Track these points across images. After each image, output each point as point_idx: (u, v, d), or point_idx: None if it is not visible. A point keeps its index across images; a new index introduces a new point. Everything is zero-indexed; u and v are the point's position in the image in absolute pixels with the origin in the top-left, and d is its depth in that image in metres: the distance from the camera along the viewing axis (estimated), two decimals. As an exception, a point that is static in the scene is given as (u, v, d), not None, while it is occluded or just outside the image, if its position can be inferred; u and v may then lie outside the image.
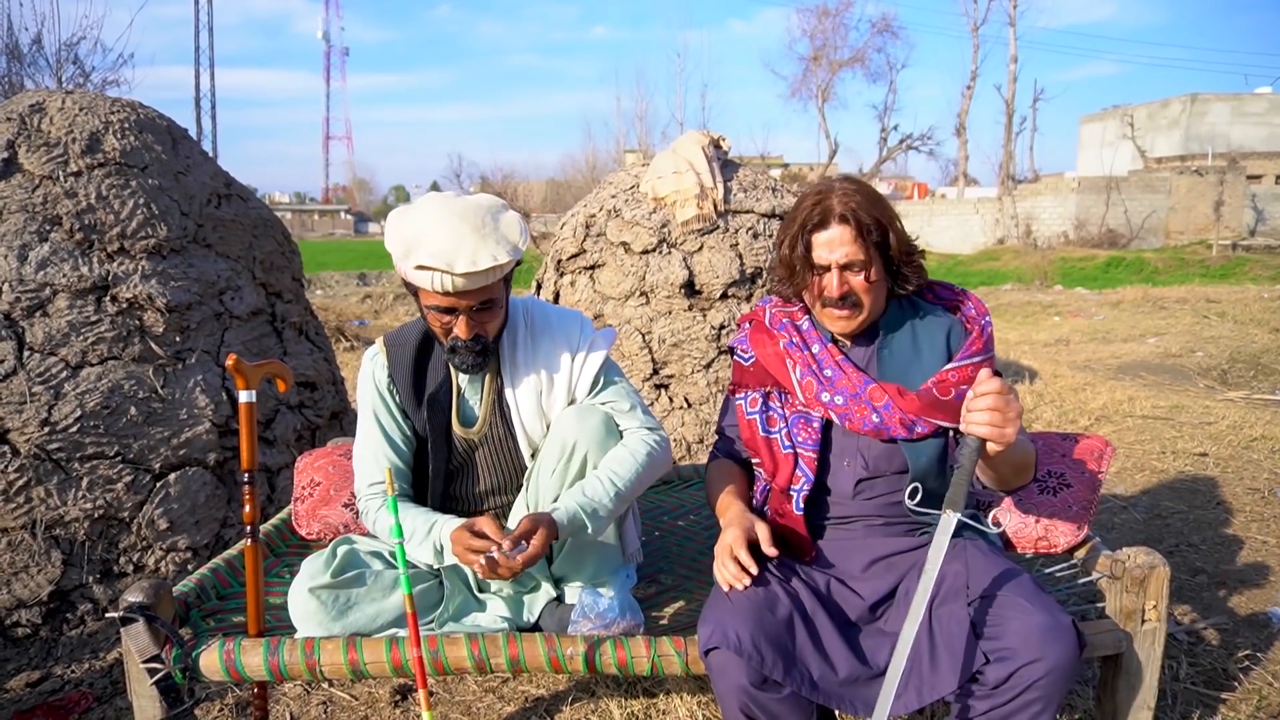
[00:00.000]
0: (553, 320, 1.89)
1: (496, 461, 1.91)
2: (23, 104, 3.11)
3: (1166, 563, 1.72)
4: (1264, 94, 31.98)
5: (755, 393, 1.80)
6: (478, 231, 1.62)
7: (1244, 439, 4.55)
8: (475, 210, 1.67)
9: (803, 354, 1.75)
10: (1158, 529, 3.41)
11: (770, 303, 1.86)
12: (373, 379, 1.87)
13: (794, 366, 1.75)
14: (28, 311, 2.78)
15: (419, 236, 1.61)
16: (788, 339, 1.77)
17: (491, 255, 1.61)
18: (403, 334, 1.90)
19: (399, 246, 1.63)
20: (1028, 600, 1.50)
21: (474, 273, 1.60)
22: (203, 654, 1.63)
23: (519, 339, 1.86)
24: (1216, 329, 8.33)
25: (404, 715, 2.31)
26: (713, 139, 4.15)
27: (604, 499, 1.72)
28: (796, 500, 1.70)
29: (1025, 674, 1.43)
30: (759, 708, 1.53)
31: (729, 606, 1.57)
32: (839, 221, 1.63)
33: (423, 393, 1.85)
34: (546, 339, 1.86)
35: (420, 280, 1.62)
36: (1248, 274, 16.15)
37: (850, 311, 1.68)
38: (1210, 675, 2.34)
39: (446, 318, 1.69)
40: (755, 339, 1.82)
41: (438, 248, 1.59)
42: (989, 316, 1.77)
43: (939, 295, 1.80)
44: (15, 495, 2.65)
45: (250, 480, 1.73)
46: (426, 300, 1.68)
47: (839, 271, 1.64)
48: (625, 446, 1.80)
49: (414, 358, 1.85)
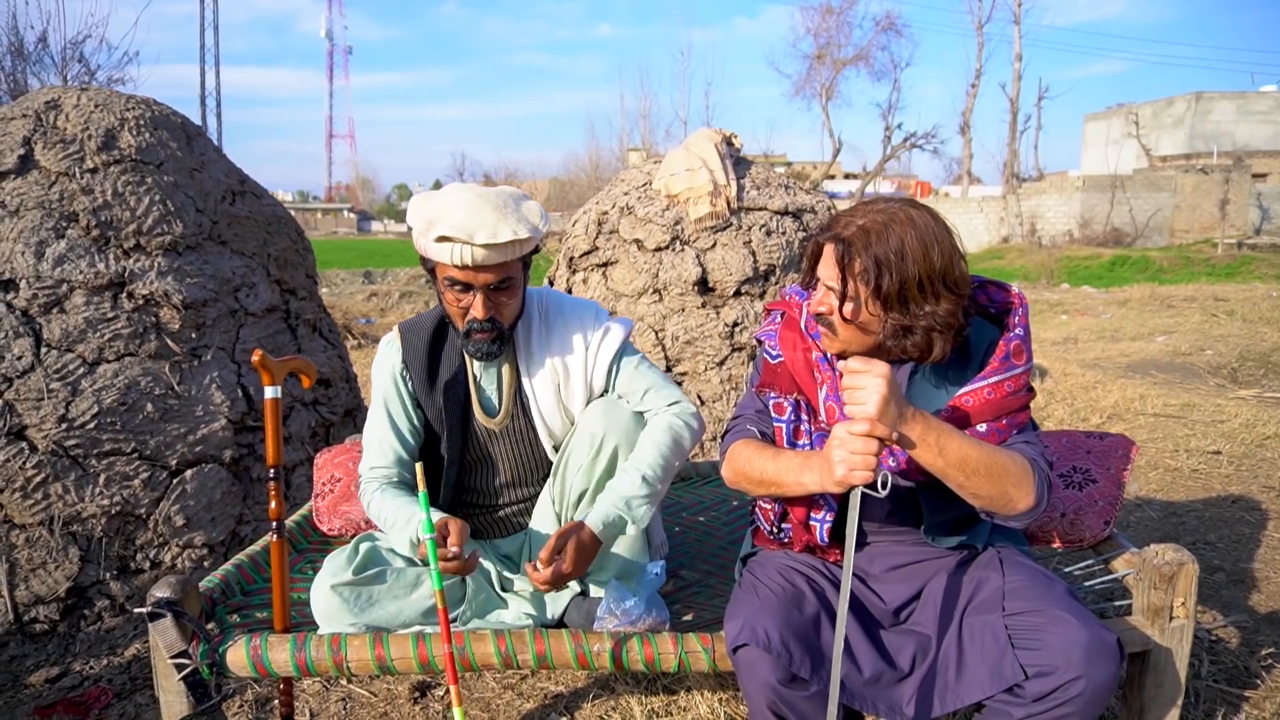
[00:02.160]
0: (567, 309, 1.89)
1: (516, 453, 1.90)
2: (38, 101, 3.11)
3: (1195, 560, 1.71)
4: (1269, 92, 31.89)
5: (784, 399, 1.67)
6: (499, 210, 1.66)
7: (1257, 437, 4.53)
8: (497, 193, 1.71)
9: (833, 374, 1.63)
10: (1173, 527, 3.40)
11: (805, 298, 1.73)
12: (387, 366, 1.88)
13: (821, 384, 1.64)
14: (45, 308, 2.78)
15: (441, 212, 1.65)
16: (821, 353, 1.65)
17: (512, 230, 1.64)
18: (418, 321, 1.91)
19: (421, 221, 1.66)
20: (1069, 613, 1.45)
21: (494, 244, 1.62)
22: (229, 649, 1.63)
23: (534, 328, 1.86)
24: (1225, 327, 8.30)
25: (423, 712, 2.30)
26: (725, 136, 4.14)
27: (638, 491, 1.71)
28: (820, 532, 1.63)
29: (1066, 690, 1.40)
30: (787, 705, 1.52)
31: (757, 603, 1.56)
32: (832, 242, 1.52)
33: (436, 379, 1.85)
34: (560, 326, 1.86)
35: (440, 253, 1.65)
36: (1254, 273, 16.10)
37: (827, 331, 1.57)
38: (1232, 673, 2.33)
39: (464, 296, 1.71)
40: (786, 338, 1.71)
41: (459, 220, 1.62)
42: (1020, 330, 1.60)
43: (991, 298, 1.64)
44: (33, 491, 2.65)
45: (276, 476, 1.73)
46: (444, 274, 1.70)
47: (825, 290, 1.55)
48: (649, 434, 1.79)
49: (429, 344, 1.86)
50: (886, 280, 1.46)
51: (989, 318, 1.64)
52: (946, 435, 1.44)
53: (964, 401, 1.55)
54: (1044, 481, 1.53)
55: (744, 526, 2.38)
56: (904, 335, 1.51)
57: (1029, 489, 1.49)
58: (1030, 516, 1.53)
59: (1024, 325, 1.61)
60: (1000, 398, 1.55)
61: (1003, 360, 1.57)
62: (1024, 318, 1.62)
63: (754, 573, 1.69)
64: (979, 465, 1.45)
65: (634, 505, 1.71)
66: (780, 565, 1.68)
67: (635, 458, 1.75)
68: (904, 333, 1.50)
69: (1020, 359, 1.58)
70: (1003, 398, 1.56)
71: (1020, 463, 1.49)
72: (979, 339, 1.60)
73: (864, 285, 1.48)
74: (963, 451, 1.44)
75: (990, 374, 1.56)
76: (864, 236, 1.49)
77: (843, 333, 1.54)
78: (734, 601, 1.62)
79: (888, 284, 1.46)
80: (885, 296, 1.48)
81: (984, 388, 1.55)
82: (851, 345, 1.56)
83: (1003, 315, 1.63)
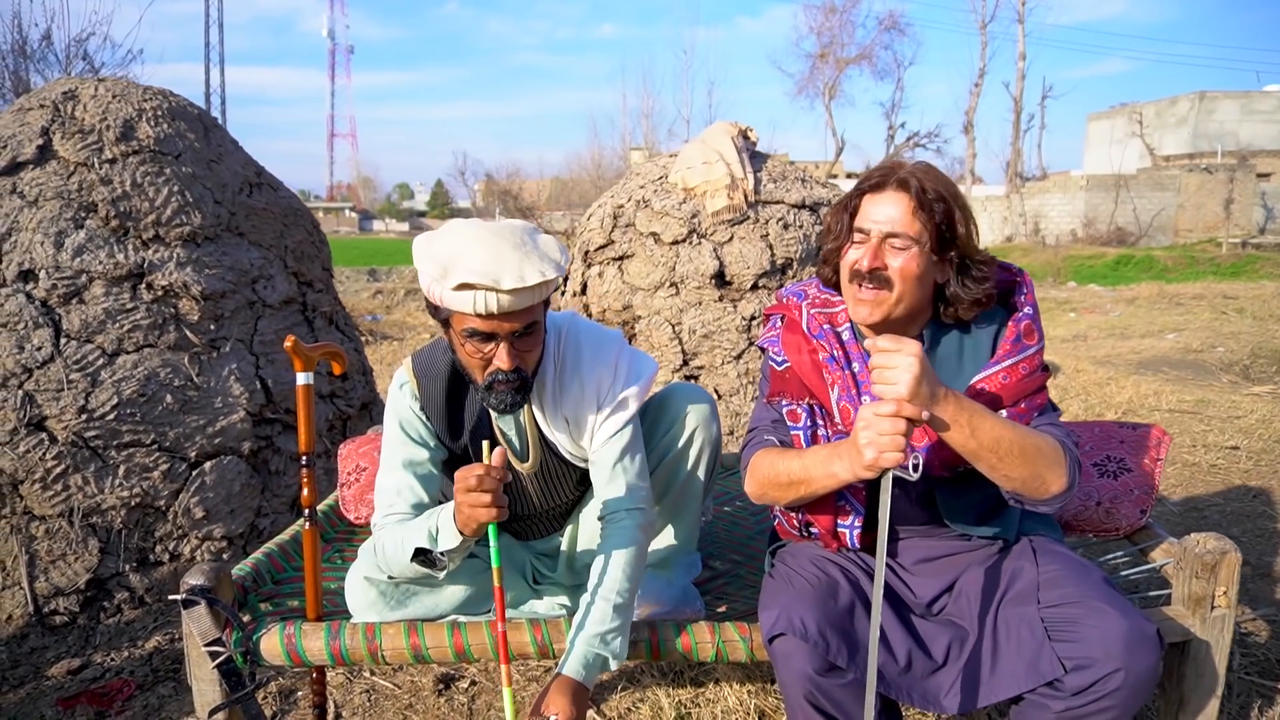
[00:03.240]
0: (584, 364, 1.71)
1: (548, 484, 1.84)
2: (55, 91, 3.10)
3: (1237, 549, 1.70)
4: (1273, 92, 31.80)
5: (797, 405, 1.61)
6: (519, 249, 1.49)
7: (1274, 432, 4.51)
8: (510, 229, 1.54)
9: (843, 373, 1.57)
10: (1195, 521, 3.38)
11: (804, 298, 1.66)
12: (405, 412, 1.72)
13: (832, 385, 1.58)
14: (64, 298, 2.76)
15: (455, 255, 1.47)
16: (828, 353, 1.59)
17: (539, 270, 1.48)
18: (432, 365, 1.72)
19: (434, 267, 1.47)
20: (1107, 603, 1.42)
21: (522, 289, 1.45)
22: (263, 637, 1.62)
23: (549, 382, 1.70)
24: (1236, 325, 8.28)
25: (447, 704, 2.29)
26: (741, 129, 4.12)
27: (610, 624, 1.59)
28: (851, 537, 1.60)
29: (1107, 683, 1.37)
30: (823, 695, 1.50)
31: (792, 593, 1.54)
32: (898, 186, 1.46)
33: (459, 430, 1.73)
34: (575, 387, 1.70)
35: (460, 302, 1.47)
36: (1259, 272, 16.07)
37: (876, 293, 1.47)
38: (1264, 666, 2.31)
39: (486, 346, 1.53)
40: (789, 342, 1.64)
41: (479, 264, 1.45)
42: (1029, 309, 1.56)
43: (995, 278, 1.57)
44: (53, 483, 2.63)
45: (308, 463, 1.71)
46: (463, 325, 1.51)
47: (880, 242, 1.46)
48: (614, 554, 1.64)
49: (446, 392, 1.71)
50: (958, 212, 1.45)
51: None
52: (979, 416, 1.39)
53: (980, 389, 1.51)
54: (1075, 464, 1.49)
55: (769, 518, 2.36)
56: (967, 272, 1.49)
57: (1062, 471, 1.45)
58: (1061, 500, 1.49)
59: (1032, 304, 1.58)
60: (1016, 381, 1.52)
61: (1014, 342, 1.53)
62: (1030, 295, 1.59)
63: (786, 563, 1.66)
64: (1012, 446, 1.40)
65: (610, 640, 1.58)
66: (813, 555, 1.66)
67: (603, 585, 1.62)
68: (966, 270, 1.48)
69: (1032, 339, 1.55)
70: (1019, 380, 1.52)
71: (1053, 444, 1.45)
72: (988, 320, 1.57)
73: (934, 225, 1.45)
74: (996, 432, 1.39)
75: (1004, 357, 1.52)
76: (924, 175, 1.47)
77: (900, 286, 1.47)
78: (768, 591, 1.60)
79: (959, 216, 1.45)
80: (956, 232, 1.47)
81: (999, 372, 1.51)
82: (903, 303, 1.49)
83: (1006, 295, 1.59)
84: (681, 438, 1.81)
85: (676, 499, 1.85)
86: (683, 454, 1.82)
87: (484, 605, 1.77)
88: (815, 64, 32.80)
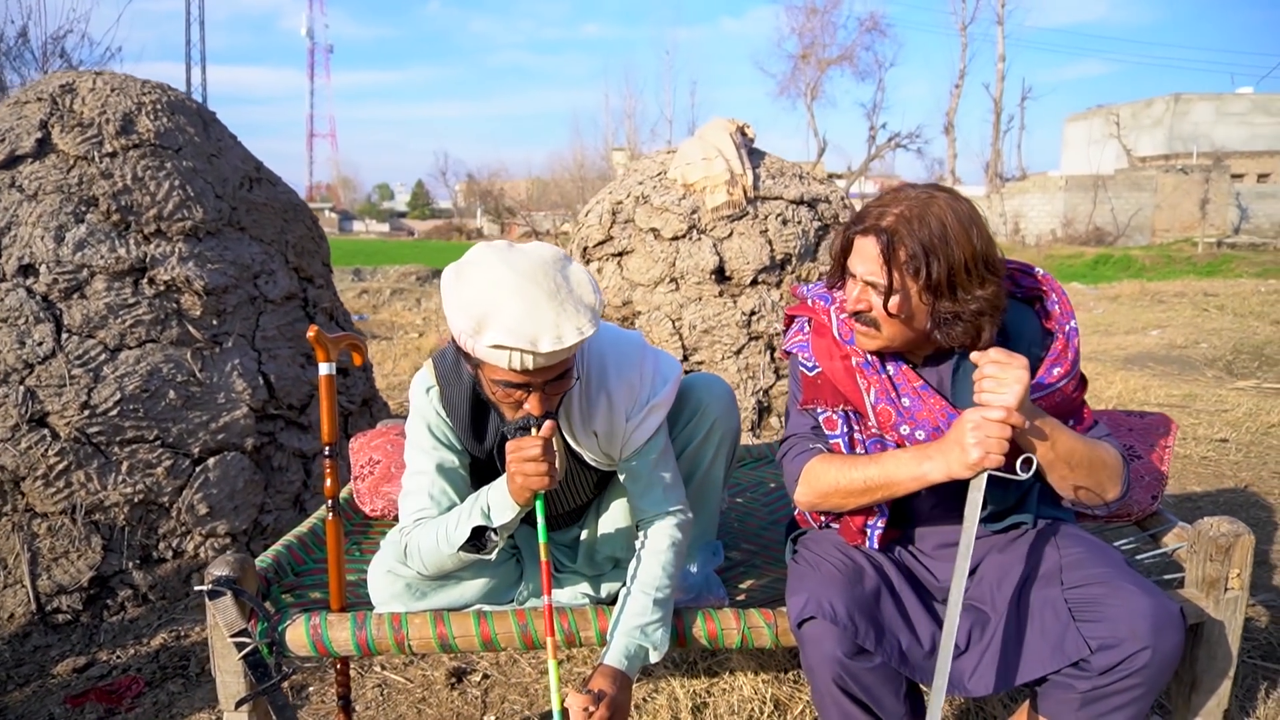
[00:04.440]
0: (610, 376, 1.68)
1: (567, 489, 1.84)
2: (52, 84, 3.06)
3: (1250, 531, 1.73)
4: (1246, 94, 32.35)
5: (833, 412, 1.62)
6: (554, 298, 1.42)
7: (1262, 425, 4.59)
8: (543, 270, 1.46)
9: (878, 376, 1.58)
10: (1189, 512, 3.43)
11: (831, 302, 1.66)
12: (432, 416, 1.69)
13: (868, 389, 1.58)
14: (65, 293, 2.73)
15: (489, 310, 1.41)
16: (860, 356, 1.59)
17: (577, 329, 1.42)
18: (456, 374, 1.67)
19: (467, 322, 1.42)
20: (1131, 582, 1.45)
21: (559, 350, 1.41)
22: (289, 628, 1.61)
23: (575, 398, 1.66)
24: (1217, 321, 8.41)
25: (461, 697, 2.28)
26: (739, 126, 4.14)
27: (651, 616, 1.60)
28: (871, 538, 1.62)
29: (1133, 661, 1.40)
30: (851, 678, 1.51)
31: (820, 578, 1.55)
32: (874, 234, 1.45)
33: (483, 437, 1.70)
34: (603, 401, 1.67)
35: (495, 358, 1.42)
36: (1234, 270, 16.33)
37: (868, 329, 1.52)
38: (1266, 649, 2.36)
39: (517, 393, 1.49)
40: (820, 348, 1.64)
41: (515, 324, 1.39)
42: (1074, 320, 1.58)
43: (1018, 283, 1.61)
44: (55, 479, 2.60)
45: (331, 453, 1.70)
46: (495, 375, 1.47)
47: (863, 288, 1.49)
48: (652, 551, 1.66)
49: (470, 406, 1.68)
50: (935, 267, 1.41)
51: (1019, 300, 1.62)
52: (1058, 429, 1.47)
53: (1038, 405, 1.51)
54: (1129, 473, 1.56)
55: (783, 507, 2.38)
56: (953, 323, 1.46)
57: (1119, 481, 1.53)
58: (1111, 507, 1.58)
59: (1071, 313, 1.60)
60: (1064, 398, 1.56)
61: (1058, 357, 1.56)
62: (1065, 303, 1.60)
63: (810, 549, 1.68)
64: (1083, 459, 1.48)
65: (650, 632, 1.60)
66: (836, 541, 1.67)
67: (641, 578, 1.63)
68: (953, 320, 1.46)
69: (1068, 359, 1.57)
70: (1065, 397, 1.56)
71: (1115, 456, 1.53)
72: (1017, 324, 1.57)
73: (911, 276, 1.43)
74: (1070, 444, 1.47)
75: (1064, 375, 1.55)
76: (905, 224, 1.43)
77: (887, 329, 1.50)
78: (795, 576, 1.61)
79: (936, 271, 1.42)
80: (935, 285, 1.43)
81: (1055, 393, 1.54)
82: (895, 341, 1.52)
83: (1032, 300, 1.62)
84: (703, 429, 1.81)
85: (698, 489, 1.86)
86: (704, 444, 1.83)
87: (506, 595, 1.77)
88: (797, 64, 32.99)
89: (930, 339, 1.51)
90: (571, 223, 25.05)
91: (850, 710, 1.53)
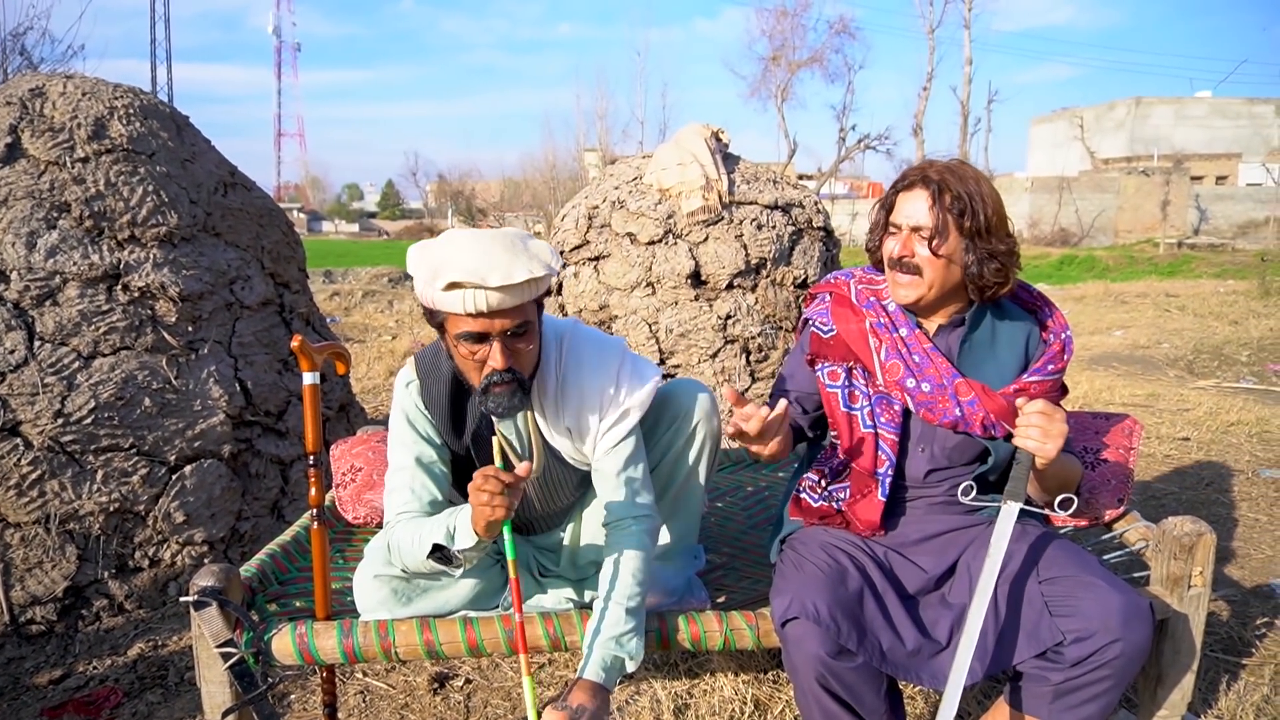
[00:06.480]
0: (585, 372, 1.73)
1: (550, 487, 1.86)
2: (21, 88, 3.02)
3: (1212, 530, 1.79)
4: (1204, 98, 33.10)
5: (837, 366, 1.78)
6: (509, 250, 1.53)
7: (1222, 424, 4.72)
8: (502, 234, 1.58)
9: (891, 335, 1.74)
10: (1153, 510, 3.52)
11: (853, 276, 1.85)
12: (412, 410, 1.73)
13: (879, 347, 1.74)
14: (37, 300, 2.70)
15: (446, 258, 1.51)
16: (875, 318, 1.76)
17: (526, 268, 1.51)
18: (435, 365, 1.74)
19: (424, 270, 1.52)
20: (1102, 579, 1.55)
21: (510, 285, 1.49)
22: (275, 637, 1.61)
23: (550, 389, 1.72)
24: (1178, 322, 8.62)
25: (444, 703, 2.29)
26: (713, 131, 4.18)
27: (625, 627, 1.62)
28: (883, 485, 1.72)
29: (1105, 653, 1.48)
30: (834, 677, 1.56)
31: (803, 579, 1.60)
32: (922, 185, 1.66)
33: (461, 431, 1.74)
34: (576, 396, 1.72)
35: (450, 302, 1.50)
36: (1194, 271, 16.71)
37: (911, 277, 1.67)
38: (1228, 643, 2.44)
39: (478, 347, 1.56)
40: (838, 313, 1.81)
41: (468, 264, 1.48)
42: (1069, 330, 1.80)
43: (1017, 295, 1.80)
44: (29, 489, 2.57)
45: (315, 462, 1.71)
46: (457, 328, 1.54)
47: (909, 234, 1.66)
48: (623, 560, 1.68)
49: (449, 398, 1.72)
50: (978, 207, 1.63)
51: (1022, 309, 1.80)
52: (1066, 459, 1.67)
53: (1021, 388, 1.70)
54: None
55: (761, 511, 2.42)
56: (988, 261, 1.65)
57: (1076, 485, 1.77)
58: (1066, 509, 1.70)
59: (1066, 325, 1.79)
60: (1043, 390, 1.71)
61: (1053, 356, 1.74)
62: (1060, 317, 1.80)
63: (796, 550, 1.72)
64: (1069, 477, 1.72)
65: (625, 642, 1.61)
66: (822, 542, 1.72)
67: (613, 589, 1.66)
68: (989, 259, 1.64)
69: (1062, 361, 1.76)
70: (1045, 390, 1.71)
71: (1079, 468, 1.79)
72: (1018, 327, 1.76)
73: (955, 218, 1.63)
74: (1068, 470, 1.70)
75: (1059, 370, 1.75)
76: (950, 174, 1.65)
77: (929, 272, 1.66)
78: (780, 577, 1.65)
79: (979, 211, 1.63)
80: (975, 228, 1.63)
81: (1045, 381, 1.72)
82: (934, 288, 1.67)
83: (1032, 310, 1.80)
84: (685, 433, 1.84)
85: (679, 493, 1.89)
86: (685, 449, 1.86)
87: (492, 600, 1.79)
88: (767, 67, 33.10)
89: (962, 289, 1.69)
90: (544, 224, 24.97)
91: (832, 709, 1.57)
